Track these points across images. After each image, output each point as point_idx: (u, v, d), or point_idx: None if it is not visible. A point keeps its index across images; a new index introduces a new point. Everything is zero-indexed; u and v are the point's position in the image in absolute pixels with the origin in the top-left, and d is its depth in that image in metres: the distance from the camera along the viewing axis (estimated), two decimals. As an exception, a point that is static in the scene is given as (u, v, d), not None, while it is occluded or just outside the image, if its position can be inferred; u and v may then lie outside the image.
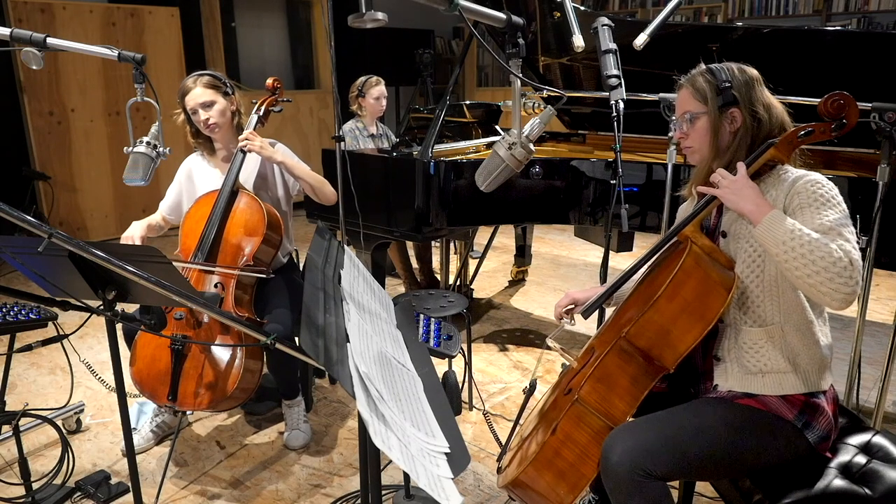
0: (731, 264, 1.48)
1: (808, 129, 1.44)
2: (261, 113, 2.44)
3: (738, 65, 1.53)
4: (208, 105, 2.30)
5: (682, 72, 1.61)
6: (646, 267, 1.61)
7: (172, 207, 2.52)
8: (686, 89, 1.56)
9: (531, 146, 1.62)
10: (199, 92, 2.29)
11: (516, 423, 1.74)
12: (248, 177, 2.44)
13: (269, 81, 2.52)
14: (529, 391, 1.70)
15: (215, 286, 2.22)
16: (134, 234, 2.29)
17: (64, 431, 2.40)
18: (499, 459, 1.71)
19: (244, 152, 2.32)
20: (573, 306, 1.79)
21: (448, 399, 1.31)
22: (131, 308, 2.31)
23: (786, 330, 1.43)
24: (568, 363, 1.67)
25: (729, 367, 1.49)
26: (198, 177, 2.48)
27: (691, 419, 1.40)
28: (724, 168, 1.48)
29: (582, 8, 3.30)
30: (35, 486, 2.12)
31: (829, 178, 1.43)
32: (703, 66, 1.57)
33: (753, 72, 1.52)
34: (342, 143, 2.59)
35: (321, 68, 7.15)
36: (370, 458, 1.32)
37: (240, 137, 2.33)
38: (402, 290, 4.01)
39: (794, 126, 1.48)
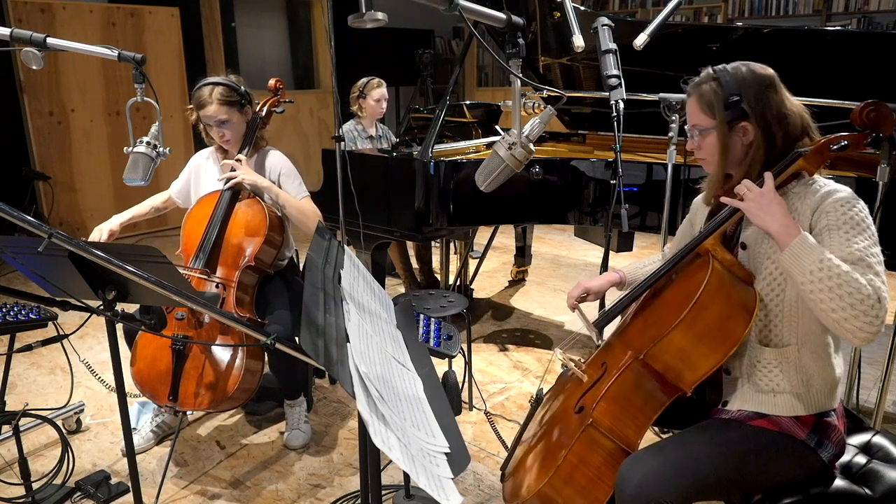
0: (751, 279, 1.41)
1: (843, 143, 1.34)
2: (262, 114, 2.44)
3: (749, 67, 1.43)
4: (222, 122, 2.30)
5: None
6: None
7: (181, 191, 2.54)
8: (694, 100, 1.47)
9: (531, 146, 1.62)
10: (213, 109, 2.26)
11: (521, 432, 1.69)
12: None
13: (272, 82, 2.52)
14: (535, 402, 1.67)
15: (216, 286, 2.22)
16: (103, 227, 2.30)
17: (64, 431, 2.40)
18: (503, 467, 1.68)
19: (229, 189, 2.30)
20: (586, 295, 1.74)
21: (448, 399, 1.31)
22: (131, 308, 2.31)
23: (802, 352, 1.39)
24: (569, 367, 1.64)
25: (740, 383, 1.45)
26: (204, 174, 2.49)
27: (706, 447, 1.37)
28: (747, 176, 1.40)
29: (582, 8, 3.30)
30: (35, 486, 2.12)
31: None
32: (710, 71, 1.46)
33: (767, 73, 1.42)
34: (341, 144, 2.59)
35: (321, 68, 7.15)
36: (370, 458, 1.32)
37: (222, 164, 2.32)
38: (402, 290, 4.01)
39: (820, 134, 1.40)
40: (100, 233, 2.29)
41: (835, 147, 1.35)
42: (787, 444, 1.37)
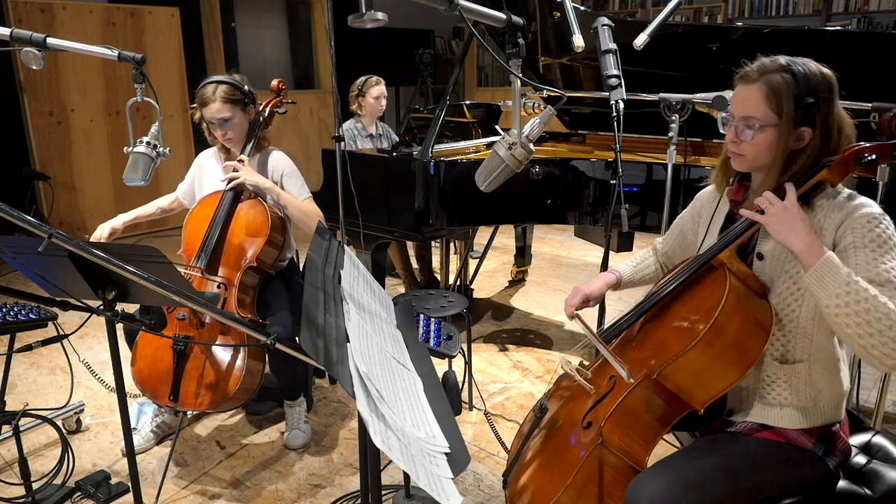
0: (765, 291, 1.37)
1: (871, 157, 1.25)
2: (265, 114, 2.44)
3: (818, 66, 1.30)
4: (225, 120, 2.30)
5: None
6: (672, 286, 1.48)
7: (186, 192, 2.56)
8: (758, 88, 1.31)
9: (531, 146, 1.62)
10: (217, 107, 2.27)
11: (526, 440, 1.65)
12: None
13: (275, 83, 2.51)
14: (540, 412, 1.63)
15: (217, 287, 2.22)
16: (105, 225, 2.30)
17: (64, 431, 2.40)
18: (505, 474, 1.65)
19: (231, 190, 2.30)
20: (586, 301, 1.66)
21: (448, 399, 1.31)
22: (131, 308, 2.31)
23: (813, 368, 1.36)
24: (576, 378, 1.58)
25: (745, 393, 1.43)
26: (207, 174, 2.49)
27: (714, 464, 1.33)
28: (781, 186, 1.32)
29: (582, 8, 3.30)
30: (35, 486, 2.12)
31: None
32: (781, 61, 1.31)
33: (833, 78, 1.31)
34: (341, 144, 2.59)
35: (321, 68, 7.15)
36: (370, 458, 1.32)
37: (224, 166, 2.33)
38: (402, 290, 4.01)
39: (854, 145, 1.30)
40: (102, 230, 2.29)
41: (862, 161, 1.26)
42: (795, 454, 1.36)
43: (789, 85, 1.28)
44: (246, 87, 2.33)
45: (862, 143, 1.28)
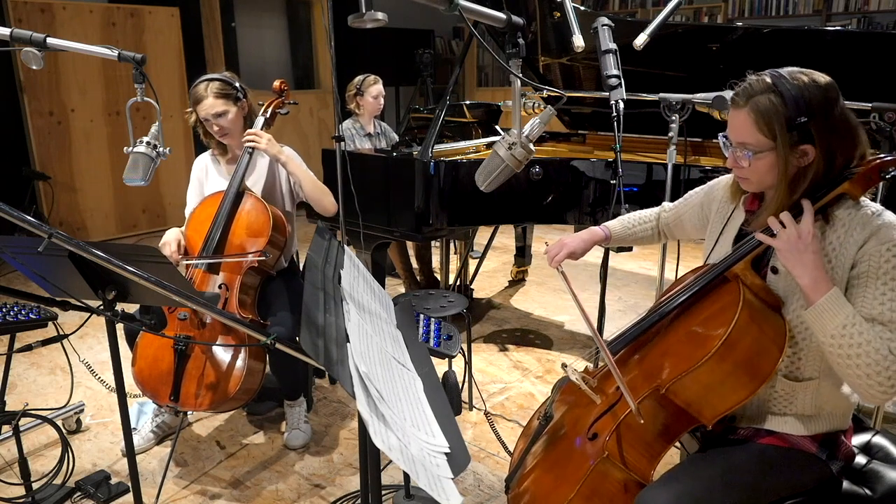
0: (780, 304, 1.34)
1: (895, 171, 1.20)
2: (267, 115, 2.44)
3: (812, 78, 1.24)
4: (220, 115, 2.31)
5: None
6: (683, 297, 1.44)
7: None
8: (747, 114, 1.26)
9: (531, 146, 1.62)
10: (210, 103, 2.28)
11: (528, 450, 1.63)
12: (255, 181, 2.44)
13: (277, 84, 2.52)
14: (544, 422, 1.61)
15: (219, 287, 2.23)
16: (170, 239, 2.26)
17: (64, 431, 2.40)
18: (507, 479, 1.63)
19: (250, 153, 2.32)
20: (570, 256, 1.64)
21: (448, 399, 1.31)
22: (132, 308, 2.31)
23: (821, 385, 1.34)
24: (581, 387, 1.54)
25: (749, 402, 1.38)
26: (208, 176, 2.50)
27: (718, 474, 1.32)
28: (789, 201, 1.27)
29: (582, 8, 3.30)
30: (35, 486, 2.12)
31: None
32: (767, 79, 1.25)
33: (831, 85, 1.25)
34: (342, 143, 2.59)
35: (321, 68, 7.15)
36: (370, 458, 1.32)
37: (244, 135, 2.33)
38: (402, 290, 4.01)
39: (873, 155, 1.25)
40: (169, 247, 2.24)
41: (887, 174, 1.21)
42: (798, 458, 1.35)
43: (777, 107, 1.22)
44: (237, 83, 2.35)
45: (885, 155, 1.24)
